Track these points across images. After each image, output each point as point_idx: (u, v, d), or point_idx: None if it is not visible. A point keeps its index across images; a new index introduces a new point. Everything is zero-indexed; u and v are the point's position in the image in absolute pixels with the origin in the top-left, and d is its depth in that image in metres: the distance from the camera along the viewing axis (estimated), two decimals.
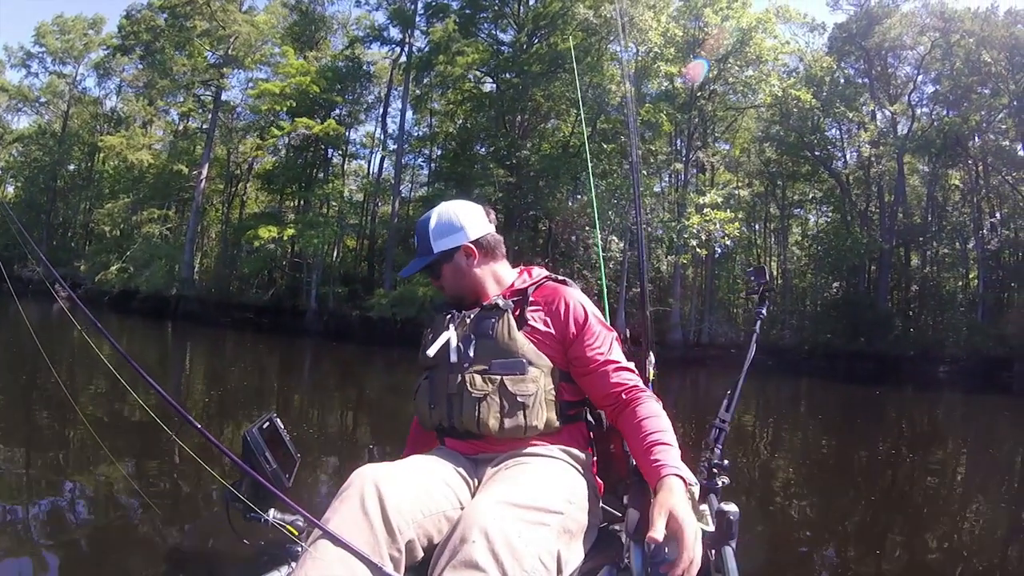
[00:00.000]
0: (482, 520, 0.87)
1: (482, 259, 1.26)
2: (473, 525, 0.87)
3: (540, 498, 0.97)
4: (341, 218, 19.17)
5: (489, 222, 1.30)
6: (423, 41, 19.64)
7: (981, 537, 3.64)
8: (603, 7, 16.59)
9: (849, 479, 4.96)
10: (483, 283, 1.27)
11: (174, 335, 16.03)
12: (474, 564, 0.82)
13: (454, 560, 0.84)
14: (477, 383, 1.12)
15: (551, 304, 1.19)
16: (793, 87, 17.34)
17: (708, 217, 15.34)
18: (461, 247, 1.25)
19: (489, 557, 0.83)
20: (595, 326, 1.17)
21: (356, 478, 0.97)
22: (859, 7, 21.54)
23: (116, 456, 3.46)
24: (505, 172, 16.20)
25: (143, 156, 23.02)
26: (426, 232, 1.26)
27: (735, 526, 1.02)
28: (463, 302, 1.27)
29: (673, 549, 0.99)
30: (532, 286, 1.23)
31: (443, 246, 1.25)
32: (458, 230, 1.25)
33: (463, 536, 0.86)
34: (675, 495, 0.94)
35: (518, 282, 1.27)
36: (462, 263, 1.25)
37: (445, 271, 1.26)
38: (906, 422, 9.66)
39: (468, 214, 1.27)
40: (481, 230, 1.27)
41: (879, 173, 19.33)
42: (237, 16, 21.68)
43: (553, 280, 1.26)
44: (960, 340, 19.50)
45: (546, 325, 1.17)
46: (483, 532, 0.85)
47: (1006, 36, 20.97)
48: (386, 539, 0.90)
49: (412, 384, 1.29)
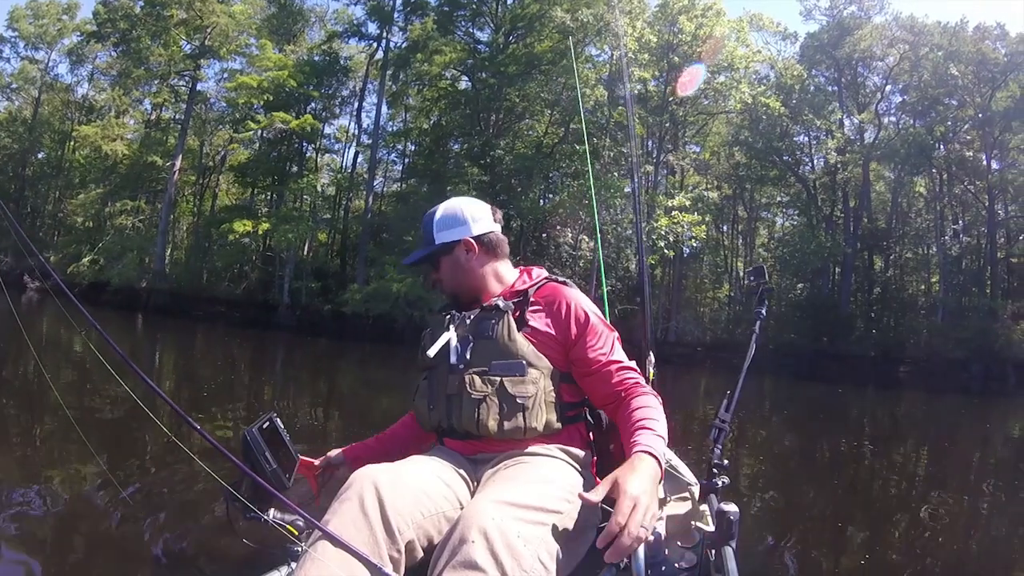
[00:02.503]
0: (481, 520, 0.86)
1: (482, 256, 1.26)
2: (472, 525, 0.86)
3: (539, 497, 0.97)
4: (315, 213, 19.10)
5: (495, 221, 1.29)
6: (400, 37, 19.71)
7: (973, 533, 3.70)
8: (579, 11, 16.83)
9: (813, 473, 5.09)
10: (481, 281, 1.26)
11: (145, 328, 15.86)
12: (473, 564, 0.82)
13: (453, 560, 0.84)
14: (476, 384, 1.12)
15: (552, 305, 1.18)
16: (763, 95, 17.79)
17: (676, 219, 15.69)
18: (462, 241, 1.24)
19: (488, 557, 0.83)
20: (597, 326, 1.16)
21: (356, 479, 0.96)
22: (831, 18, 22.09)
23: (115, 457, 3.51)
24: (479, 171, 16.36)
25: (118, 147, 22.65)
26: (431, 223, 1.27)
27: (735, 526, 0.99)
28: (460, 299, 1.27)
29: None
30: (533, 287, 1.22)
31: (444, 238, 1.25)
32: (461, 224, 1.25)
33: (462, 536, 0.85)
34: (632, 467, 0.93)
35: (518, 283, 1.26)
36: (461, 257, 1.24)
37: (444, 264, 1.26)
38: (868, 419, 9.93)
39: (473, 210, 1.27)
40: (484, 227, 1.26)
41: (845, 179, 19.92)
42: (216, 7, 21.44)
43: (554, 281, 1.25)
44: (920, 342, 20.21)
45: (547, 326, 1.16)
46: (482, 532, 0.85)
47: (973, 51, 21.67)
48: (386, 540, 0.89)
49: (385, 379, 1.38)
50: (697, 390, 11.53)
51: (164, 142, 22.43)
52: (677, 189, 17.28)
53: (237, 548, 1.34)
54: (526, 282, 1.26)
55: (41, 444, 3.90)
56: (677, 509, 1.49)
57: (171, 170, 21.30)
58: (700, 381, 13.10)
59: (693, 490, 1.49)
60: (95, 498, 3.01)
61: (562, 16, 16.68)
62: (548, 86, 17.33)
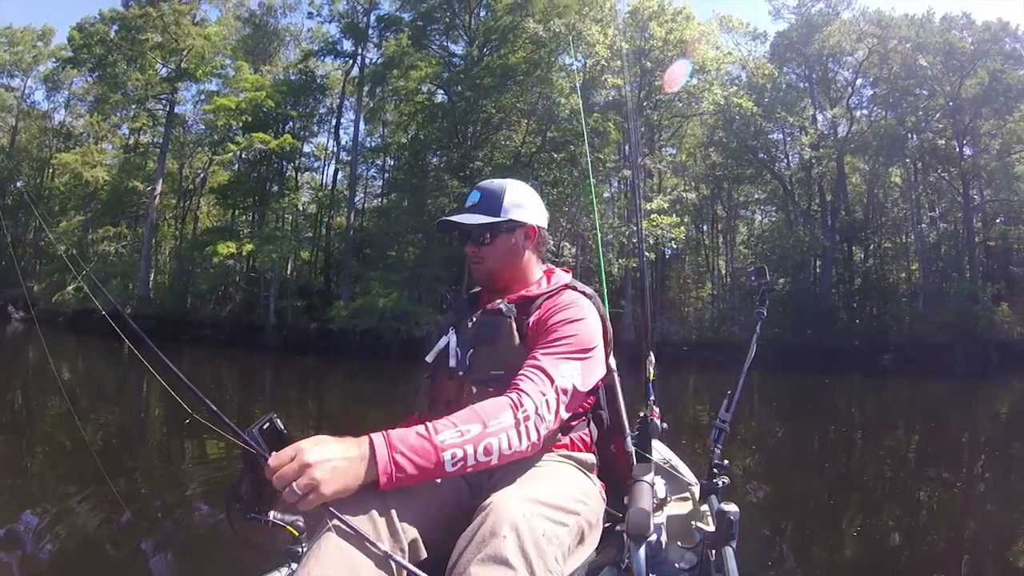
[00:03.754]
0: (513, 516, 0.86)
1: (534, 249, 1.24)
2: (504, 520, 0.85)
3: (560, 498, 0.96)
4: (297, 231, 19.16)
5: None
6: (376, 53, 19.83)
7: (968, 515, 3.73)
8: (552, 21, 17.06)
9: (805, 464, 5.14)
10: (523, 273, 1.23)
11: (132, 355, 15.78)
12: (504, 560, 0.81)
13: (482, 554, 0.83)
14: (474, 395, 1.08)
15: (554, 311, 1.14)
16: (735, 95, 18.08)
17: (656, 222, 15.91)
18: (528, 225, 1.21)
19: (519, 554, 0.82)
20: (564, 334, 1.08)
21: None
22: (800, 16, 22.48)
23: (115, 457, 3.58)
24: (459, 183, 16.50)
25: (99, 173, 22.59)
26: (500, 194, 1.21)
27: (735, 526, 0.99)
28: (493, 285, 1.22)
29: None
30: (545, 295, 1.18)
31: (514, 215, 1.20)
32: (530, 209, 1.23)
33: (493, 530, 0.84)
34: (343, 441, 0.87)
35: (534, 287, 1.22)
36: (520, 242, 1.21)
37: (500, 242, 1.20)
38: (856, 408, 10.07)
39: (539, 201, 1.26)
40: (544, 222, 1.25)
41: (820, 174, 20.26)
42: (191, 29, 21.47)
43: (571, 289, 1.20)
44: (903, 329, 20.54)
45: (534, 331, 1.12)
46: (514, 528, 0.84)
47: (941, 41, 22.13)
48: (389, 539, 0.88)
49: (375, 393, 1.40)
50: (686, 389, 11.69)
51: (143, 166, 22.39)
52: (655, 192, 17.52)
53: (237, 548, 1.32)
54: (541, 285, 1.22)
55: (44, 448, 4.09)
56: (677, 509, 1.51)
57: (152, 194, 21.27)
58: (688, 380, 13.28)
59: (693, 490, 1.52)
60: (97, 499, 3.09)
61: (535, 27, 16.90)
62: (523, 96, 17.52)
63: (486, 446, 0.92)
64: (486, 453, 0.92)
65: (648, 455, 1.33)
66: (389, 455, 0.87)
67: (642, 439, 1.38)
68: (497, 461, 0.94)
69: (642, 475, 1.13)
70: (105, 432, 5.19)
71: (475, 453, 0.91)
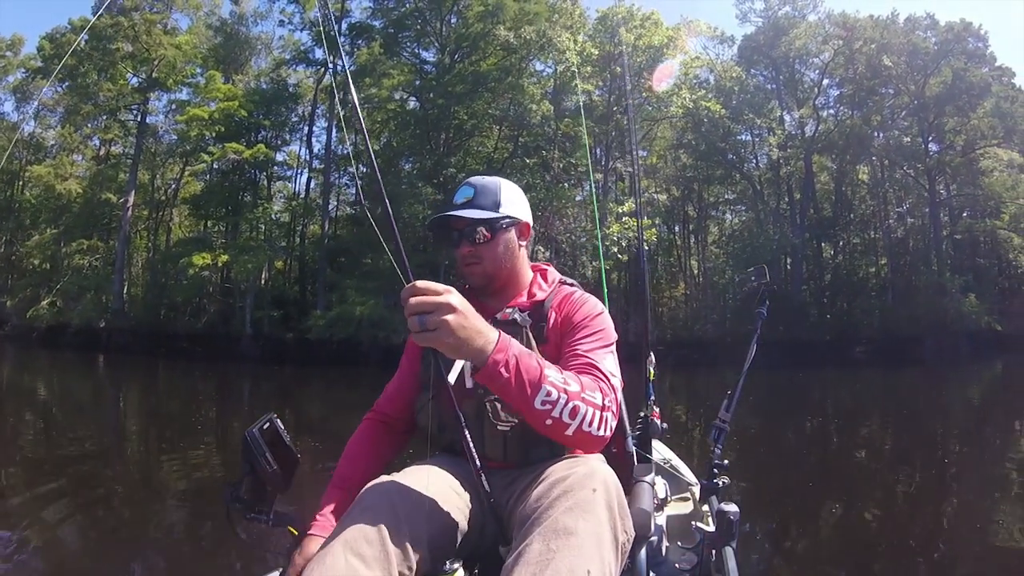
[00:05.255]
0: (604, 474, 0.89)
1: (525, 249, 1.20)
2: (596, 475, 0.88)
3: None
4: (272, 241, 19.13)
5: None
6: (348, 61, 19.77)
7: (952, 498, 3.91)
8: (523, 29, 17.26)
9: (783, 456, 5.32)
10: (518, 275, 1.18)
11: (107, 369, 15.72)
12: (593, 511, 0.84)
13: (570, 502, 0.84)
14: (500, 415, 1.05)
15: (568, 315, 1.11)
16: (703, 98, 18.44)
17: (627, 225, 16.18)
18: (524, 223, 1.17)
19: (606, 509, 0.85)
20: (595, 329, 1.08)
21: (372, 493, 0.94)
22: (767, 19, 22.99)
23: (114, 459, 3.65)
24: (433, 189, 16.63)
25: (71, 185, 22.31)
26: (495, 189, 1.14)
27: (735, 526, 1.00)
28: (488, 288, 1.16)
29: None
30: (549, 297, 1.15)
31: (512, 211, 1.14)
32: (522, 205, 1.18)
33: (582, 482, 0.87)
34: None
35: (535, 286, 1.19)
36: (515, 239, 1.16)
37: (499, 240, 1.12)
38: (830, 401, 10.40)
39: (526, 200, 1.22)
40: (531, 220, 1.19)
41: (789, 173, 20.75)
42: (162, 39, 21.31)
43: (567, 284, 1.20)
44: (874, 322, 21.09)
45: (556, 332, 1.10)
46: (604, 484, 0.88)
47: (905, 42, 22.76)
48: (398, 555, 0.86)
49: (354, 401, 1.35)
50: (662, 387, 11.97)
51: (115, 178, 22.17)
52: (626, 195, 17.81)
53: (237, 548, 1.31)
54: (541, 286, 1.18)
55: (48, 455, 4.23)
56: (678, 509, 1.51)
57: (124, 206, 21.08)
58: (666, 378, 13.58)
59: (694, 490, 1.54)
60: (98, 499, 3.24)
61: (505, 34, 17.08)
62: (495, 103, 17.71)
63: (574, 407, 0.90)
64: (571, 415, 0.89)
65: (648, 455, 1.32)
66: (508, 352, 0.86)
67: (642, 439, 1.37)
68: (573, 432, 0.90)
69: (643, 475, 1.12)
70: (83, 445, 5.26)
71: (565, 405, 0.89)
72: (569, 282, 1.21)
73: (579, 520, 0.81)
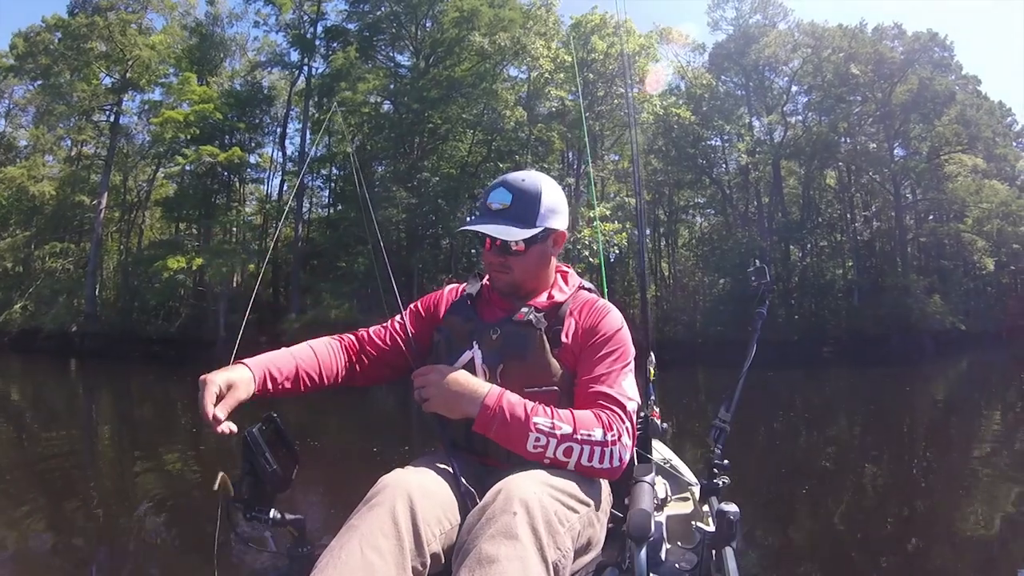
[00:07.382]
0: (524, 493, 0.87)
1: (557, 253, 1.17)
2: (515, 497, 0.86)
3: (572, 486, 0.96)
4: (245, 244, 19.15)
5: None
6: (323, 64, 19.96)
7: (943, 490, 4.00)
8: (497, 35, 17.50)
9: (756, 451, 5.37)
10: (546, 281, 1.16)
11: (80, 373, 15.61)
12: (514, 535, 0.82)
13: (492, 530, 0.83)
14: None
15: (586, 322, 1.10)
16: (674, 105, 18.87)
17: (600, 229, 16.48)
18: (559, 232, 1.13)
19: (529, 531, 0.83)
20: (611, 349, 1.06)
21: (387, 486, 0.94)
22: (738, 27, 23.53)
23: (114, 459, 3.71)
24: (407, 193, 16.82)
25: (44, 187, 22.02)
26: (536, 197, 1.10)
27: (736, 526, 0.99)
28: (515, 295, 1.14)
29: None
30: (568, 300, 1.13)
31: (551, 223, 1.10)
32: (561, 213, 1.13)
33: (504, 507, 0.85)
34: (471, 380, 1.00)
35: (555, 289, 1.16)
36: (549, 249, 1.13)
37: (533, 252, 1.10)
38: (799, 399, 10.59)
39: (565, 201, 1.16)
40: (566, 225, 1.15)
41: (757, 178, 21.29)
42: (137, 39, 21.13)
43: (587, 290, 1.18)
44: (840, 323, 21.73)
45: (576, 344, 1.08)
46: (524, 505, 0.85)
47: (872, 52, 23.47)
48: (412, 550, 0.87)
49: (332, 400, 1.34)
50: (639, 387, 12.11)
51: (87, 180, 21.93)
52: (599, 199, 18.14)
53: (237, 548, 1.32)
54: (562, 288, 1.16)
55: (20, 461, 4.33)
56: (678, 509, 1.52)
57: (97, 208, 20.89)
58: (638, 380, 13.77)
59: (694, 490, 1.54)
60: (98, 499, 3.32)
61: (480, 40, 17.31)
62: (469, 108, 17.94)
63: (567, 447, 0.95)
64: (566, 455, 0.96)
65: (648, 455, 1.33)
66: (494, 407, 0.96)
67: (642, 439, 1.38)
68: (574, 467, 0.97)
69: (643, 476, 1.12)
70: (55, 450, 5.29)
71: (557, 447, 0.95)
72: (588, 287, 1.20)
73: (500, 547, 0.81)
